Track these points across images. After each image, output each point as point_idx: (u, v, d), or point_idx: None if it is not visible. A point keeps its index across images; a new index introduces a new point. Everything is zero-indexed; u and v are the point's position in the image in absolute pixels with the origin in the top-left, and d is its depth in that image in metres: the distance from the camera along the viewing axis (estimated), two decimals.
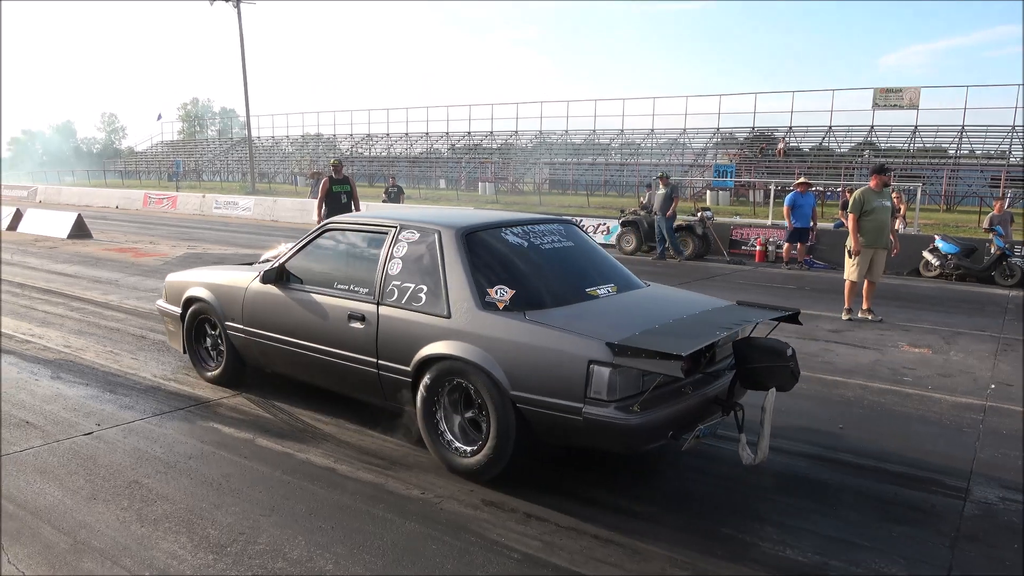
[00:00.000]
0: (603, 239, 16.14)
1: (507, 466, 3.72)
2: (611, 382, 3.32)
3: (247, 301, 4.94)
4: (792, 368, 3.72)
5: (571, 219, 5.05)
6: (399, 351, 4.03)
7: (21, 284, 9.71)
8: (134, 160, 65.61)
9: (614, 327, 3.57)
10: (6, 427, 4.46)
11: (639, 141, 44.06)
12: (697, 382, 3.72)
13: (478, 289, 3.86)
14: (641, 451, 3.75)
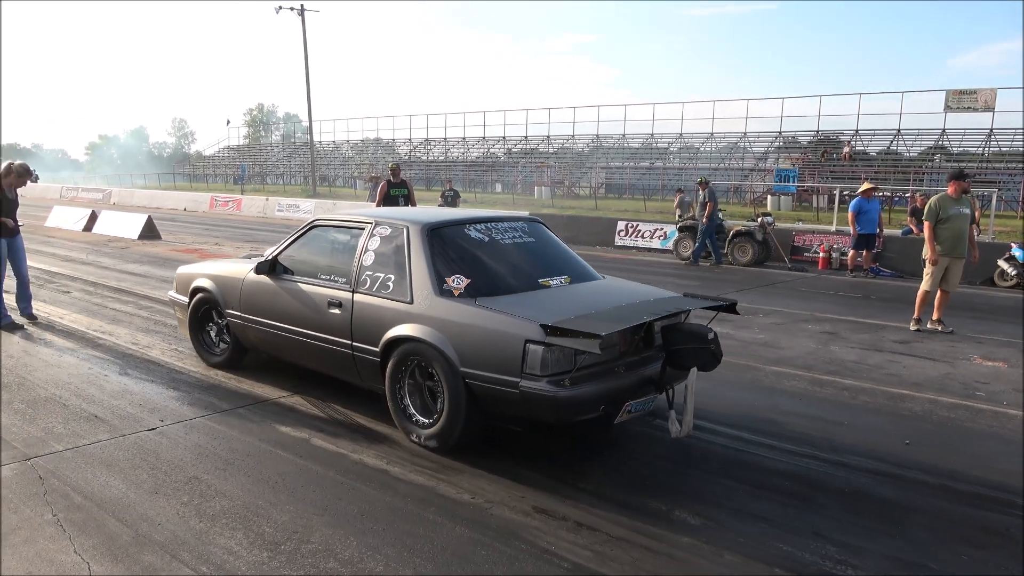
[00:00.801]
0: (660, 244, 15.94)
1: (459, 438, 4.11)
2: (544, 359, 3.71)
3: (244, 291, 5.40)
4: (713, 350, 4.09)
5: (538, 219, 5.53)
6: (370, 334, 4.46)
7: (94, 283, 10.12)
8: (202, 164, 67.90)
9: (553, 312, 3.93)
10: (77, 420, 4.64)
11: (698, 145, 43.42)
12: (632, 363, 4.08)
13: (437, 278, 4.29)
14: (573, 422, 3.99)
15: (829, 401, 5.43)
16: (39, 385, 5.35)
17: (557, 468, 4.05)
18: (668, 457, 4.26)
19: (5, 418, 4.67)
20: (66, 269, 11.41)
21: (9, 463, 3.99)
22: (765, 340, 7.35)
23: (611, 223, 17.69)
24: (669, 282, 11.38)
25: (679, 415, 4.05)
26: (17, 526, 3.32)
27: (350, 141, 60.04)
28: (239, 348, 5.66)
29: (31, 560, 3.04)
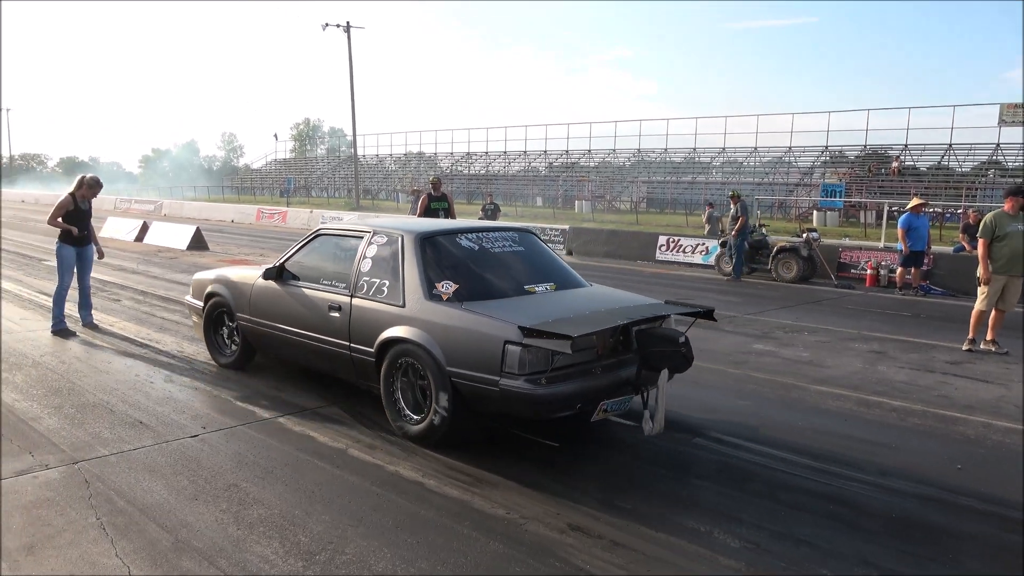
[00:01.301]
0: (702, 260, 15.75)
1: (446, 433, 4.35)
2: (521, 359, 3.95)
3: (253, 295, 5.73)
4: (684, 353, 4.35)
5: (531, 230, 5.77)
6: (366, 335, 4.74)
7: (144, 292, 10.39)
8: (249, 177, 69.48)
9: (534, 315, 4.16)
10: (123, 425, 4.75)
11: (742, 159, 42.91)
12: (609, 365, 4.31)
13: (428, 283, 4.56)
14: (550, 418, 4.22)
15: (877, 423, 5.27)
16: (88, 390, 5.50)
17: (592, 484, 4.00)
18: (708, 476, 4.17)
19: (55, 421, 4.80)
20: (117, 278, 11.74)
21: (57, 466, 4.09)
22: (810, 358, 7.18)
23: (652, 238, 17.55)
24: (710, 298, 11.23)
25: (652, 414, 4.26)
26: (63, 528, 3.39)
27: (393, 155, 60.82)
28: (248, 350, 5.98)
29: (74, 562, 3.11)
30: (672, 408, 5.37)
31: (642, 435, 4.55)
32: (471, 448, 4.45)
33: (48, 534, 3.34)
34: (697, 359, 6.81)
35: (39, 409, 5.04)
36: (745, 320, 9.25)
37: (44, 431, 4.63)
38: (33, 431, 4.62)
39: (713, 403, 5.59)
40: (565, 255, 18.03)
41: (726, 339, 8.03)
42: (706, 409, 5.41)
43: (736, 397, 5.79)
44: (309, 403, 5.26)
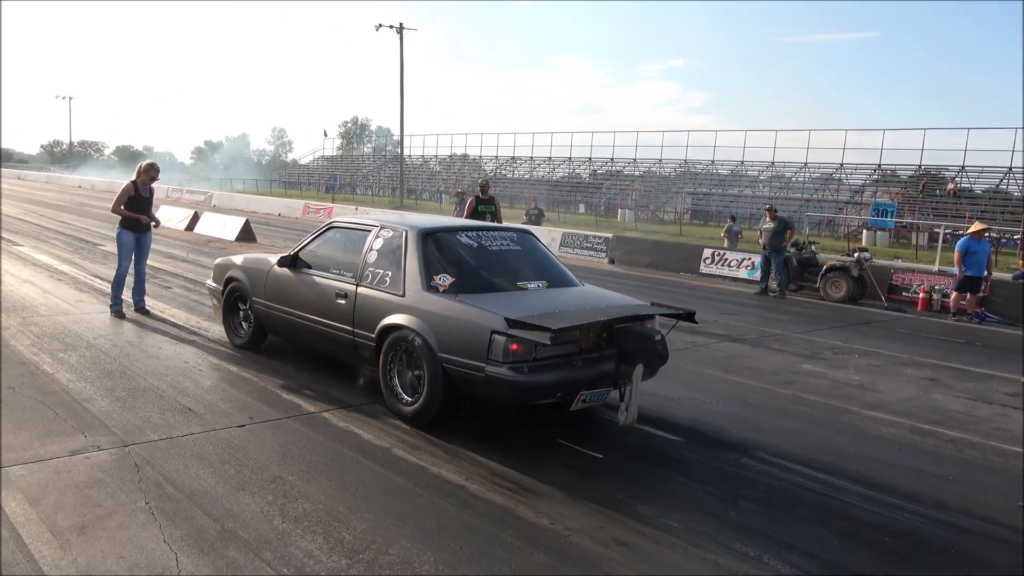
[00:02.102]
0: (747, 274, 15.48)
1: (436, 414, 4.68)
2: (506, 348, 4.25)
3: (268, 281, 6.10)
4: (659, 350, 4.62)
5: (529, 231, 6.05)
6: (368, 321, 5.07)
7: (193, 280, 10.59)
8: (297, 172, 70.59)
9: (521, 309, 4.46)
10: (172, 411, 4.82)
11: (790, 175, 42.20)
12: (591, 359, 4.60)
13: (426, 275, 4.89)
14: (531, 405, 4.59)
15: (932, 453, 5.09)
16: (139, 375, 5.60)
17: (638, 498, 3.92)
18: (756, 499, 4.06)
19: (108, 404, 4.90)
20: (168, 266, 11.99)
21: (108, 448, 4.16)
22: (860, 382, 6.98)
23: (696, 250, 17.32)
24: (755, 314, 11.03)
25: (627, 407, 4.51)
26: (113, 510, 3.44)
27: (438, 156, 61.23)
28: (260, 332, 6.37)
29: (123, 545, 3.14)
30: (719, 425, 5.28)
31: (689, 450, 4.52)
32: (514, 454, 4.41)
33: (99, 515, 3.39)
34: (744, 377, 6.74)
35: (92, 391, 5.15)
36: (793, 339, 9.05)
37: (97, 413, 4.72)
38: (87, 412, 4.72)
39: (761, 423, 5.46)
40: (607, 263, 17.90)
41: (774, 358, 7.86)
42: (753, 428, 5.29)
43: (784, 418, 5.65)
44: (354, 399, 5.27)
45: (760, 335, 9.13)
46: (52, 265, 11.21)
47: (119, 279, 7.75)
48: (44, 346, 6.26)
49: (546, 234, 19.95)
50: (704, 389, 6.28)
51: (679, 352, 7.66)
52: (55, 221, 19.76)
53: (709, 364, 7.27)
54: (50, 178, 58.84)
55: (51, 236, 15.63)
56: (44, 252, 12.73)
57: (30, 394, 4.99)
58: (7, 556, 3.02)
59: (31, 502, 3.47)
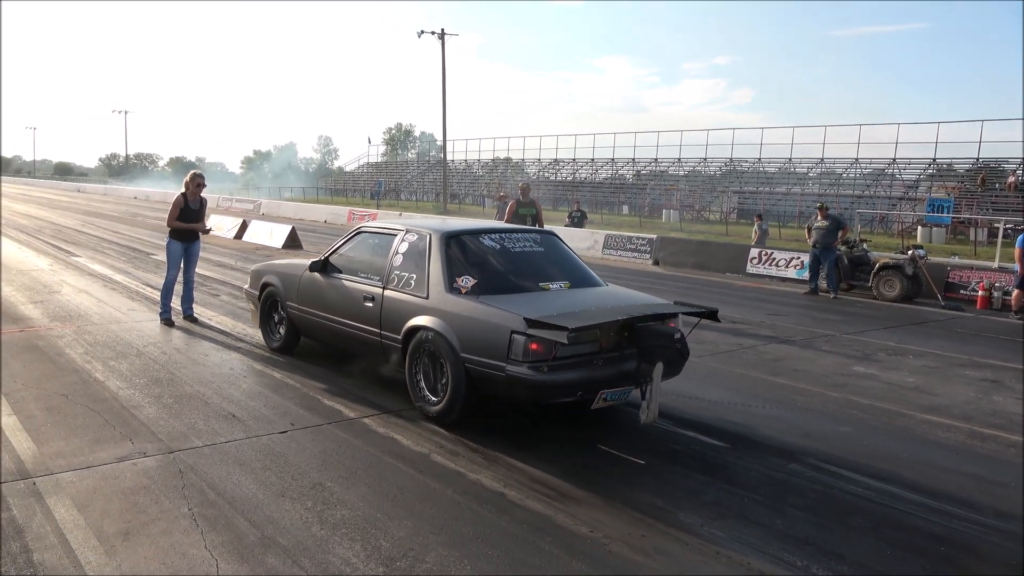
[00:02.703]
0: (796, 274, 15.11)
1: (460, 414, 4.75)
2: (525, 347, 4.29)
3: (301, 285, 6.26)
4: (679, 348, 4.64)
5: (553, 232, 6.15)
6: (394, 323, 5.19)
7: (240, 288, 10.76)
8: (343, 179, 71.68)
9: (542, 309, 4.50)
10: (217, 418, 4.90)
11: (840, 171, 41.17)
12: (612, 358, 4.59)
13: (449, 277, 4.98)
14: (551, 403, 4.65)
15: (993, 459, 4.86)
16: (186, 382, 5.71)
17: (680, 506, 3.83)
18: (805, 507, 3.92)
19: (155, 411, 5.00)
20: (217, 273, 12.26)
21: (154, 455, 4.24)
22: (916, 384, 6.72)
23: (743, 249, 16.99)
24: (804, 314, 10.74)
25: (648, 405, 4.49)
26: (157, 516, 3.50)
27: (481, 160, 61.48)
28: (294, 335, 6.55)
29: (166, 551, 3.19)
30: (765, 430, 5.14)
31: (734, 456, 4.41)
32: (553, 460, 4.36)
33: (143, 521, 3.45)
34: (792, 380, 6.56)
35: (141, 397, 5.27)
36: (844, 340, 8.78)
37: (144, 419, 4.82)
38: (134, 419, 4.82)
39: (810, 427, 5.30)
40: (651, 265, 17.69)
41: (824, 359, 7.63)
42: (802, 433, 5.13)
43: (835, 422, 5.47)
44: (394, 404, 5.28)
45: (809, 336, 8.88)
46: (107, 275, 11.56)
47: (168, 287, 7.94)
48: (96, 354, 6.43)
49: (589, 236, 19.83)
50: (750, 392, 6.12)
51: (724, 354, 7.50)
52: (111, 232, 20.41)
53: (755, 366, 7.09)
54: (108, 190, 60.88)
55: (106, 247, 16.14)
56: (99, 262, 13.14)
57: (82, 401, 5.12)
58: (54, 561, 3.08)
59: (79, 508, 3.55)
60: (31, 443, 4.33)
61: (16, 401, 5.07)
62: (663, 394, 4.75)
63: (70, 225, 22.37)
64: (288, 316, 6.48)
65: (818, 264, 13.19)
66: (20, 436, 4.43)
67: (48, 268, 12.13)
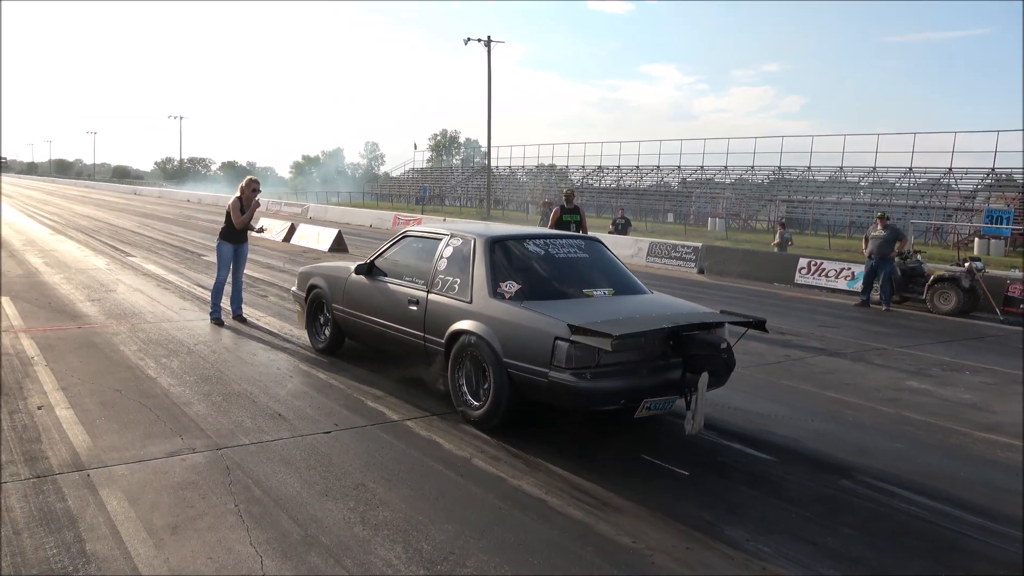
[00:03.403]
0: (847, 285, 14.75)
1: (502, 419, 4.74)
2: (568, 354, 4.29)
3: (346, 288, 6.34)
4: (725, 359, 4.50)
5: (598, 239, 6.09)
6: (438, 327, 5.22)
7: (288, 289, 10.95)
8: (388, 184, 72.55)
9: (585, 316, 4.46)
10: (263, 416, 4.97)
11: (893, 180, 40.15)
12: (657, 367, 4.54)
13: (493, 282, 4.97)
14: (594, 411, 4.74)
15: None
16: (234, 380, 5.82)
17: (728, 521, 3.74)
18: (857, 525, 3.80)
19: (204, 408, 5.10)
20: (265, 275, 12.49)
21: (203, 451, 4.32)
22: (973, 401, 6.49)
23: (791, 259, 16.65)
24: (855, 327, 10.47)
25: (693, 415, 4.40)
26: (204, 512, 3.56)
27: (525, 167, 61.60)
28: (338, 337, 6.62)
29: (212, 546, 3.24)
30: (815, 445, 5.01)
31: (782, 470, 4.31)
32: (595, 468, 4.31)
33: (191, 516, 3.51)
34: (843, 394, 6.39)
35: (191, 395, 5.38)
36: (897, 354, 8.52)
37: (194, 416, 4.92)
38: (184, 415, 4.93)
39: (862, 443, 5.14)
40: (696, 273, 17.46)
41: (876, 373, 7.42)
42: (853, 449, 4.98)
43: (888, 438, 5.30)
44: (436, 408, 5.30)
45: (861, 349, 8.65)
46: (160, 275, 11.88)
47: (218, 288, 8.12)
48: (149, 351, 6.60)
49: (633, 244, 19.68)
50: (799, 406, 5.98)
51: (771, 366, 7.35)
52: (164, 233, 20.98)
53: (804, 379, 6.93)
54: (163, 193, 62.73)
55: (160, 247, 16.60)
56: (153, 263, 13.51)
57: (135, 397, 5.25)
58: (105, 552, 3.16)
59: (130, 501, 3.64)
60: (86, 436, 4.45)
61: (73, 395, 5.23)
62: (708, 405, 4.67)
63: (126, 226, 23.07)
64: (333, 318, 6.56)
65: (873, 275, 12.80)
66: (76, 429, 4.56)
67: (105, 267, 12.51)
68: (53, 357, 6.25)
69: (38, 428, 4.57)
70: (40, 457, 4.12)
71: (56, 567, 3.02)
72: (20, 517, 3.42)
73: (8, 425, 4.60)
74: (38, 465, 4.01)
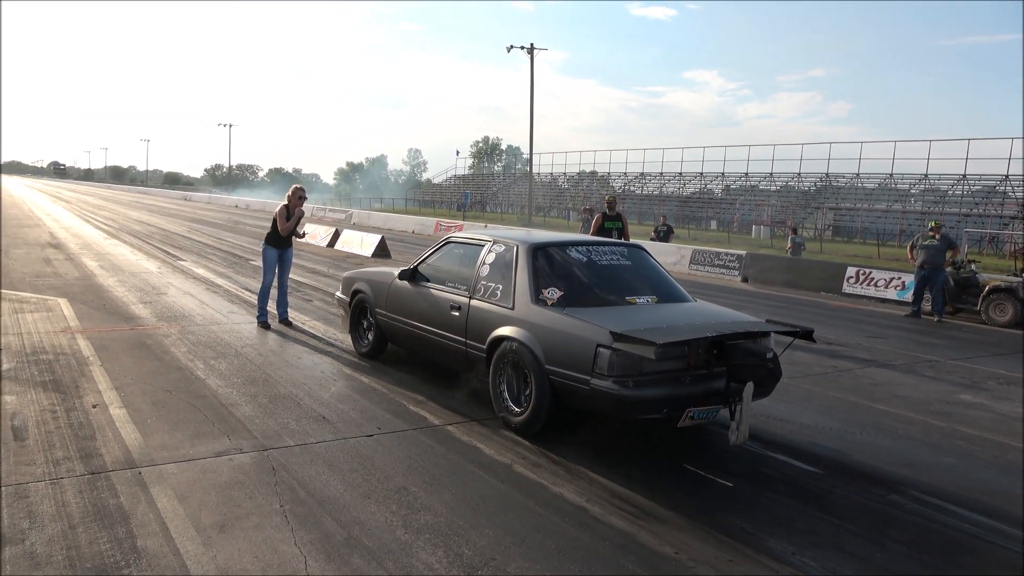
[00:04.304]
0: (897, 295, 14.38)
1: (543, 426, 4.72)
2: (611, 361, 4.27)
3: (390, 293, 6.42)
4: (771, 368, 4.46)
5: (641, 246, 6.08)
6: (479, 333, 5.23)
7: (332, 294, 11.12)
8: (430, 191, 73.17)
9: (627, 323, 4.43)
10: (308, 419, 5.05)
11: (946, 188, 39.05)
12: (700, 376, 4.47)
13: (535, 289, 4.99)
14: (636, 419, 4.71)
15: None
16: (280, 383, 5.92)
17: (773, 533, 3.68)
18: (908, 542, 3.70)
19: (251, 409, 5.20)
20: (310, 280, 12.70)
21: (249, 451, 4.41)
22: None
23: (839, 268, 16.30)
24: (904, 338, 10.19)
25: (738, 426, 4.32)
26: (250, 511, 3.63)
27: (567, 173, 61.52)
28: (381, 341, 6.70)
29: (258, 545, 3.30)
30: (863, 458, 4.89)
31: (829, 483, 4.21)
32: (637, 476, 4.28)
33: (237, 515, 3.58)
34: (893, 407, 6.23)
35: (238, 396, 5.49)
36: (949, 366, 8.27)
37: (241, 417, 5.02)
38: (232, 416, 5.03)
39: (912, 456, 5.00)
40: (740, 282, 17.21)
41: (927, 386, 7.21)
42: (903, 463, 4.85)
43: (939, 453, 5.15)
44: (476, 413, 5.31)
45: (911, 361, 8.42)
46: (209, 279, 12.17)
47: (264, 291, 8.29)
48: (198, 353, 6.77)
49: (675, 251, 19.50)
50: (846, 418, 5.84)
51: (818, 376, 7.20)
52: (213, 238, 21.50)
53: (852, 391, 6.77)
54: (212, 199, 64.27)
55: (210, 252, 17.01)
56: (202, 267, 13.85)
57: (185, 398, 5.39)
58: (155, 548, 3.24)
59: (180, 498, 3.73)
60: (138, 434, 4.58)
61: (126, 395, 5.39)
62: (753, 415, 4.59)
63: (177, 231, 23.71)
64: (376, 323, 6.64)
65: (924, 285, 12.43)
66: (128, 428, 4.70)
67: (156, 271, 12.87)
68: (107, 357, 6.45)
69: (93, 426, 4.71)
70: (95, 454, 4.25)
71: (109, 561, 3.11)
72: (75, 512, 3.54)
73: (65, 422, 4.76)
74: (93, 462, 4.14)
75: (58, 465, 4.08)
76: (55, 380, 5.70)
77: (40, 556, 3.13)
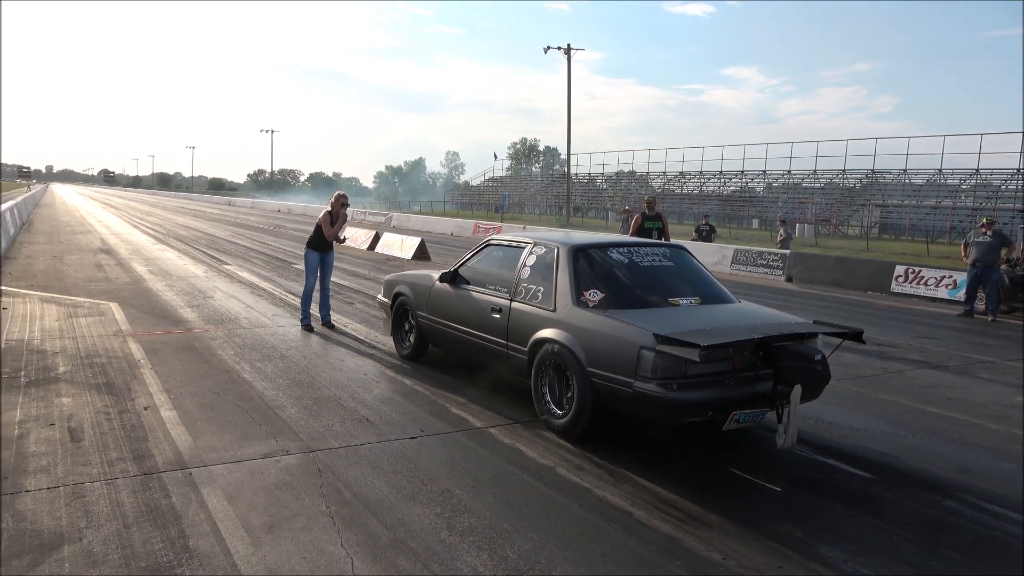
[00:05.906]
0: (948, 294, 13.97)
1: (586, 428, 4.69)
2: (654, 364, 4.22)
3: (431, 295, 6.47)
4: (819, 371, 4.37)
5: (683, 247, 6.00)
6: (521, 335, 5.23)
7: (373, 296, 11.23)
8: (468, 193, 73.48)
9: (671, 325, 4.39)
10: (352, 420, 5.11)
11: (998, 183, 37.84)
12: (746, 378, 4.39)
13: (577, 291, 4.97)
14: (681, 423, 4.61)
15: None
16: (324, 385, 6.00)
17: (823, 540, 3.59)
18: (964, 549, 3.58)
19: (296, 411, 5.28)
20: (351, 283, 12.86)
21: (295, 453, 4.47)
22: None
23: (887, 267, 15.89)
24: (957, 337, 9.89)
25: (785, 429, 4.27)
26: (297, 512, 3.68)
27: (604, 174, 61.22)
28: (422, 343, 6.76)
29: (306, 546, 3.34)
30: (916, 462, 4.76)
31: (881, 488, 4.11)
32: (682, 481, 4.23)
33: (285, 516, 3.64)
34: (946, 409, 6.05)
35: (284, 398, 5.58)
36: (1006, 367, 8.01)
37: (287, 419, 5.10)
38: (278, 418, 5.12)
39: (967, 462, 4.85)
40: (784, 281, 16.91)
41: (983, 388, 6.98)
42: (958, 468, 4.70)
43: (996, 457, 4.98)
44: (518, 416, 5.31)
45: (965, 362, 8.17)
46: (254, 282, 12.40)
47: (306, 295, 8.43)
48: (245, 356, 6.90)
49: (716, 251, 19.25)
50: (898, 421, 5.69)
51: (868, 378, 7.03)
52: (257, 242, 21.90)
53: (903, 393, 6.59)
54: (255, 203, 65.52)
55: (254, 256, 17.33)
56: (247, 270, 14.12)
57: (232, 399, 5.49)
58: (207, 548, 3.30)
59: (229, 499, 3.80)
60: (188, 436, 4.68)
61: (176, 397, 5.52)
62: (801, 418, 4.51)
63: (222, 236, 24.21)
64: (418, 325, 6.69)
65: (977, 284, 12.04)
66: (179, 429, 4.81)
67: (203, 275, 13.17)
68: (157, 360, 6.61)
69: (144, 428, 4.83)
70: (147, 455, 4.36)
71: (162, 561, 3.18)
72: (130, 512, 3.63)
73: (118, 424, 4.89)
74: (145, 463, 4.24)
75: (112, 466, 4.19)
76: (108, 383, 5.86)
77: (97, 555, 3.22)
